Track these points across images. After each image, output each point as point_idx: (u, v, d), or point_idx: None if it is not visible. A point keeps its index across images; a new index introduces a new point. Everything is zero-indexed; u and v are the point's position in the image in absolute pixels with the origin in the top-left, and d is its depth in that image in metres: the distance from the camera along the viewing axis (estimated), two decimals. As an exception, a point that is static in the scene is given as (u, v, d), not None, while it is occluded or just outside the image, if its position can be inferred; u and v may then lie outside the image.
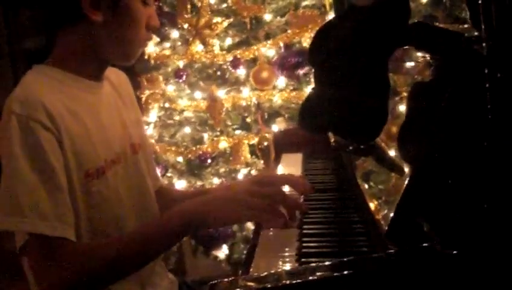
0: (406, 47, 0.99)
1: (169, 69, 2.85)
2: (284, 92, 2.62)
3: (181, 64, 2.78)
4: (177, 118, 2.86)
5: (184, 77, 2.74)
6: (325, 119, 1.05)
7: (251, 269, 1.00)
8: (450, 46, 0.93)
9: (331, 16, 2.56)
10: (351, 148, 1.31)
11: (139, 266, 1.19)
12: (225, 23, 2.66)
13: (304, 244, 1.06)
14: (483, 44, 0.88)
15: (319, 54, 1.04)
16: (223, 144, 2.67)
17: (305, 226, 1.15)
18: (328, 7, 2.56)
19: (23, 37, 4.79)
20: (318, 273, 0.81)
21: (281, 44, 2.59)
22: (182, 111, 2.83)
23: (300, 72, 2.55)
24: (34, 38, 4.59)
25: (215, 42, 2.69)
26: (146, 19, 1.25)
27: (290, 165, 1.68)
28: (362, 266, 0.83)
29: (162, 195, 1.47)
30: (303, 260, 0.99)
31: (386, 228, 0.97)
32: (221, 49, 2.70)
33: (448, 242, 0.81)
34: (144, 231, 1.18)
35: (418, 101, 1.09)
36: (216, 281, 0.82)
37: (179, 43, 2.85)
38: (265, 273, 0.93)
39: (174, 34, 2.85)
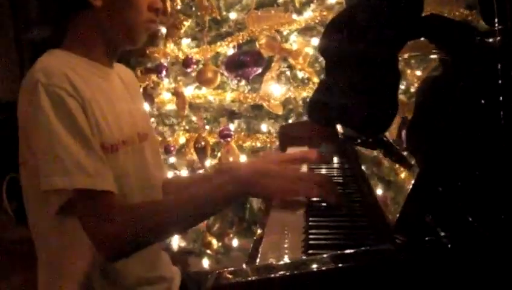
0: (419, 39, 0.99)
1: (154, 64, 2.93)
2: (237, 91, 2.67)
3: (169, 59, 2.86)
4: (163, 110, 2.97)
5: (164, 72, 2.80)
6: (334, 111, 1.04)
7: (257, 260, 0.99)
8: (463, 39, 0.92)
9: (307, 13, 2.56)
10: (359, 141, 1.31)
11: (185, 227, 1.29)
12: (186, 23, 2.73)
13: (311, 236, 1.05)
14: (497, 38, 0.87)
15: (330, 45, 1.03)
16: (182, 139, 2.79)
17: (311, 218, 1.15)
18: (298, 5, 2.55)
19: (29, 26, 4.81)
20: (320, 264, 0.81)
21: (235, 43, 2.63)
22: (165, 104, 2.92)
23: (251, 72, 2.56)
24: (41, 28, 4.62)
25: (184, 41, 2.77)
26: (147, 1, 1.28)
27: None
28: (366, 258, 0.83)
29: (166, 186, 1.49)
30: (310, 251, 0.99)
31: (394, 222, 0.97)
32: (190, 47, 2.78)
33: (454, 237, 0.81)
34: (195, 193, 1.21)
35: (428, 95, 1.09)
36: (222, 270, 0.82)
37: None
38: (271, 262, 0.94)
39: (164, 30, 2.90)
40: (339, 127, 1.51)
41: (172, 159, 2.89)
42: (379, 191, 1.14)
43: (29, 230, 1.28)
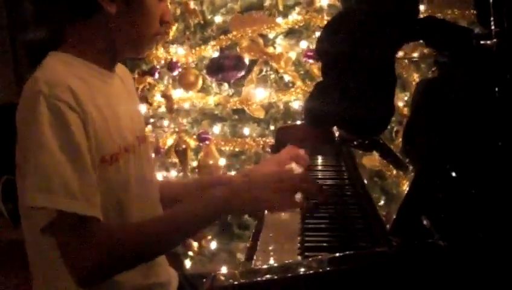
0: (415, 42, 0.99)
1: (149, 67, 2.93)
2: (220, 94, 2.68)
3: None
4: (158, 112, 2.96)
5: (157, 75, 2.81)
6: (330, 113, 1.04)
7: (253, 263, 0.99)
8: (459, 41, 0.92)
9: (292, 16, 2.56)
10: (355, 143, 1.31)
11: (168, 247, 1.24)
12: (174, 27, 2.72)
13: (307, 239, 1.05)
14: (493, 40, 0.87)
15: (326, 47, 1.03)
16: (170, 140, 2.79)
17: (307, 221, 1.15)
18: (281, 7, 2.56)
19: (24, 27, 4.80)
20: (314, 266, 0.82)
21: (218, 47, 2.63)
22: (159, 106, 2.92)
23: (232, 75, 2.57)
24: (36, 29, 4.60)
25: (172, 44, 2.77)
26: (160, 14, 1.27)
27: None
28: (360, 260, 0.83)
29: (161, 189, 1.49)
30: (306, 254, 0.99)
31: (390, 224, 0.97)
32: (177, 51, 2.78)
33: (450, 239, 0.81)
34: (176, 215, 1.20)
35: (425, 97, 1.09)
36: (217, 273, 0.82)
37: None
38: (266, 265, 0.94)
39: None
40: (335, 129, 1.51)
41: (170, 160, 2.90)
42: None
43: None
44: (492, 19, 0.87)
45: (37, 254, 1.24)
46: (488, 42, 0.86)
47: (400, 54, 1.77)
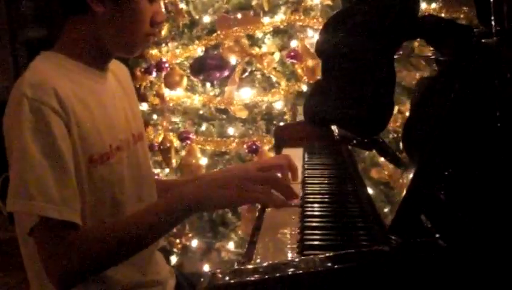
0: (415, 40, 0.99)
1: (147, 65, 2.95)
2: (204, 94, 2.69)
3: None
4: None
5: (154, 73, 2.81)
6: (330, 112, 1.04)
7: (252, 261, 0.99)
8: (460, 40, 0.92)
9: (279, 16, 2.56)
10: (355, 141, 1.31)
11: (140, 249, 1.22)
12: (164, 27, 2.73)
13: (306, 237, 1.05)
14: (493, 39, 0.87)
15: (326, 46, 1.03)
16: (160, 138, 2.80)
17: (306, 219, 1.14)
18: (266, 7, 2.56)
19: (24, 26, 4.80)
20: (317, 263, 0.82)
21: (203, 47, 2.65)
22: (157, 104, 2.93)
23: (216, 75, 2.58)
24: (35, 27, 4.60)
25: (162, 44, 2.79)
26: (151, 15, 1.26)
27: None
28: (361, 259, 0.83)
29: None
30: (305, 252, 0.99)
31: (389, 223, 0.96)
32: (167, 50, 2.79)
33: (449, 238, 0.81)
34: (144, 215, 1.20)
35: (424, 96, 1.09)
36: (216, 271, 0.82)
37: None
38: (265, 263, 0.94)
39: None
40: (334, 128, 1.51)
41: (156, 157, 2.91)
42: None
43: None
44: (492, 17, 0.87)
45: (28, 256, 1.24)
46: (489, 40, 0.85)
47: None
